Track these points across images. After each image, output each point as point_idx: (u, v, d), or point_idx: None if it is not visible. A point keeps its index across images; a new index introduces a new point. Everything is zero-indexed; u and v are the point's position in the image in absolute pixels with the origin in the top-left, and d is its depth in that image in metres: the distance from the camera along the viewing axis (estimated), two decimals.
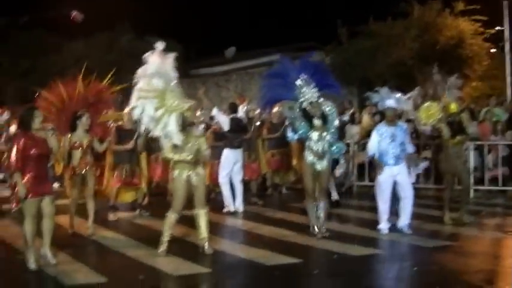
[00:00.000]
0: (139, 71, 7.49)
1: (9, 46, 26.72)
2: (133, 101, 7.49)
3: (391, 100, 8.73)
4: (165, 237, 7.68)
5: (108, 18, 26.76)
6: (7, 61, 26.87)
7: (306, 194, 8.69)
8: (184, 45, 23.62)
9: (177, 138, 7.47)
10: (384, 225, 8.76)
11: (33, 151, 7.09)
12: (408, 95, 10.72)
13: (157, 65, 7.44)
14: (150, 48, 7.49)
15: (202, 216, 7.77)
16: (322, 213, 8.53)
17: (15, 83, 25.85)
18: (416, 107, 10.36)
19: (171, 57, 7.56)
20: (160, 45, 7.45)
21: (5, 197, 11.14)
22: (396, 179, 8.66)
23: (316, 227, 8.52)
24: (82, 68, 9.74)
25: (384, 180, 8.69)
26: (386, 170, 8.62)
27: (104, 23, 26.64)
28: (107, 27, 27.39)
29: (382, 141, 8.66)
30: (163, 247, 7.63)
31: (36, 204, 7.12)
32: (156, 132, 7.53)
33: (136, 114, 7.51)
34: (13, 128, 12.82)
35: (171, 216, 7.72)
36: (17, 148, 7.08)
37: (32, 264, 7.08)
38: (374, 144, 8.76)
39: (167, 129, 7.46)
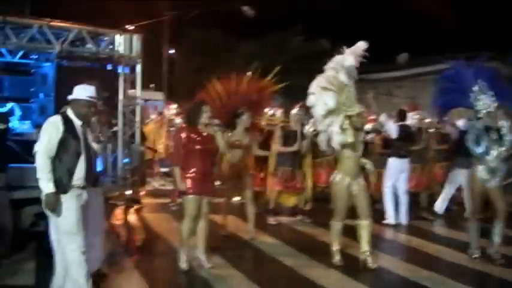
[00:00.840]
0: (333, 61, 7.24)
1: (183, 42, 27.81)
2: (313, 87, 7.23)
3: None
4: (334, 247, 7.35)
5: (281, 18, 26.99)
6: (181, 57, 28.12)
7: (471, 212, 7.93)
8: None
9: (337, 140, 7.13)
10: None
11: (197, 147, 6.90)
12: None
13: (349, 61, 7.17)
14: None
15: (364, 228, 7.29)
16: (497, 237, 7.61)
17: (188, 79, 26.83)
18: None
19: (359, 57, 7.26)
20: (363, 44, 7.26)
21: (167, 190, 11.58)
22: None
23: (477, 249, 7.76)
24: (252, 68, 9.61)
25: None
26: None
27: (277, 23, 26.95)
28: (279, 28, 27.66)
29: None
30: (336, 257, 7.31)
31: (196, 203, 6.94)
32: (320, 127, 7.28)
33: (311, 101, 7.23)
34: (178, 120, 12.99)
35: (335, 225, 7.36)
36: (179, 142, 6.97)
37: (183, 264, 6.97)
38: None
39: (330, 128, 7.15)
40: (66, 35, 8.29)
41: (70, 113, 5.42)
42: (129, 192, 8.87)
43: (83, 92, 5.41)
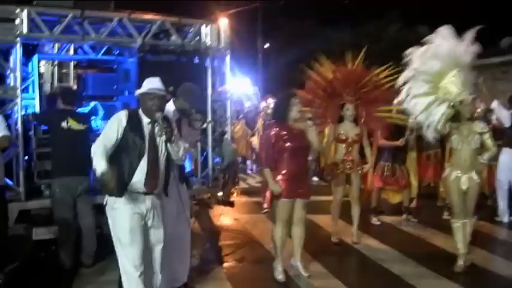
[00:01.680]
0: (419, 51, 6.46)
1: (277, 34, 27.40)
2: (402, 80, 6.58)
3: None
4: (461, 250, 6.63)
5: (377, 6, 26.08)
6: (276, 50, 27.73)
7: None
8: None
9: (434, 131, 6.45)
10: None
11: (288, 144, 6.23)
12: None
13: (443, 48, 6.33)
14: (420, 38, 6.50)
15: (464, 227, 6.62)
16: None
17: (283, 71, 26.39)
18: None
19: (466, 40, 6.36)
20: (446, 29, 6.41)
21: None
22: None
23: None
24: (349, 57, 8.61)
25: None
26: None
27: (372, 11, 26.04)
28: (375, 16, 26.73)
29: None
30: (460, 261, 6.60)
31: (289, 207, 6.32)
32: (420, 118, 6.53)
33: (403, 94, 6.55)
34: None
35: (455, 223, 6.65)
36: (267, 140, 6.33)
37: (279, 275, 6.39)
38: None
39: (431, 118, 6.42)
40: (149, 27, 7.75)
41: (140, 108, 4.95)
42: (220, 193, 8.26)
43: (145, 84, 4.96)
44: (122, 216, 4.83)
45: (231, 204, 8.43)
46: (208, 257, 7.30)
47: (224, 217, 9.67)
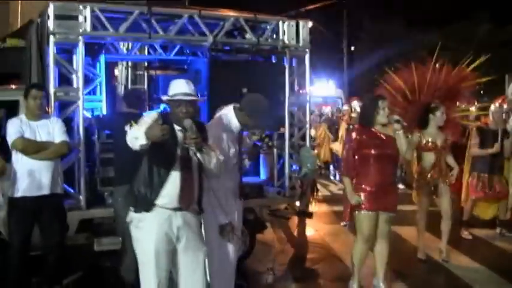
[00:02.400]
0: None
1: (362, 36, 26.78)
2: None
3: None
4: None
5: (464, 5, 24.98)
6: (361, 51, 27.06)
7: None
8: None
9: None
10: None
11: (373, 152, 5.60)
12: None
13: None
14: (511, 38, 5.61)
15: None
16: None
17: (368, 73, 25.67)
18: None
19: None
20: None
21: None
22: None
23: None
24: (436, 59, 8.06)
25: None
26: None
27: (460, 12, 24.94)
28: (463, 17, 25.64)
29: None
30: None
31: (371, 220, 5.67)
32: None
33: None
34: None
35: None
36: (350, 146, 5.70)
37: None
38: None
39: None
40: (221, 24, 7.16)
41: None
42: (297, 203, 7.61)
43: (171, 88, 4.37)
44: (147, 236, 4.24)
45: (310, 215, 7.81)
46: (283, 272, 6.89)
47: (301, 230, 9.22)
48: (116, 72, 8.54)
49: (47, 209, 5.64)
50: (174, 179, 4.21)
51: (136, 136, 3.93)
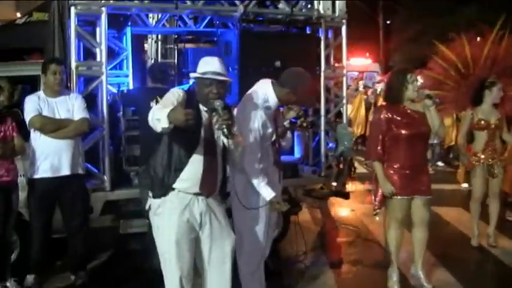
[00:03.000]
0: None
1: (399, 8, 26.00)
2: None
3: None
4: None
5: None
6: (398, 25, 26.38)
7: None
8: None
9: None
10: None
11: (403, 131, 5.12)
12: None
13: None
14: None
15: None
16: None
17: (406, 47, 25.04)
18: None
19: None
20: None
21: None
22: None
23: None
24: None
25: None
26: None
27: None
28: None
29: None
30: None
31: (404, 206, 5.25)
32: None
33: None
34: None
35: None
36: (378, 127, 5.22)
37: (394, 286, 5.40)
38: None
39: None
40: None
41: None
42: (334, 183, 7.18)
43: (201, 65, 3.98)
44: (166, 224, 3.88)
45: (346, 195, 7.36)
46: (317, 257, 6.54)
47: (338, 208, 8.88)
48: (146, 46, 8.26)
49: (68, 190, 5.38)
50: (196, 162, 3.84)
51: (158, 117, 3.55)
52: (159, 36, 8.14)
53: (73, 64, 5.89)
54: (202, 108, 3.90)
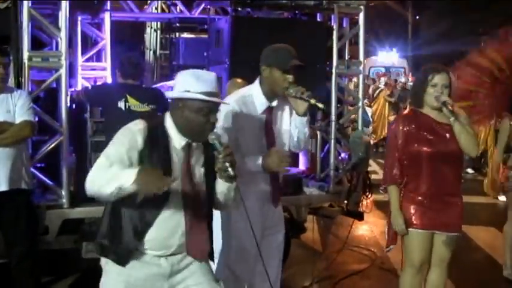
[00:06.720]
0: None
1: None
2: None
3: None
4: None
5: None
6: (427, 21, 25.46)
7: None
8: None
9: None
10: None
11: (425, 149, 3.98)
12: None
13: None
14: None
15: None
16: None
17: (434, 44, 24.16)
18: None
19: None
20: None
21: None
22: None
23: None
24: None
25: None
26: None
27: None
28: None
29: None
30: None
31: (424, 241, 4.09)
32: None
33: None
34: None
35: None
36: (394, 142, 4.09)
37: None
38: None
39: None
40: None
41: (169, 122, 2.85)
42: (345, 202, 6.11)
43: (189, 81, 2.77)
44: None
45: (360, 216, 6.27)
46: (323, 284, 5.75)
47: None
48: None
49: (8, 209, 4.42)
50: (166, 220, 2.82)
51: (115, 178, 2.56)
52: (158, 25, 7.49)
53: (25, 54, 4.87)
54: (175, 143, 2.83)
